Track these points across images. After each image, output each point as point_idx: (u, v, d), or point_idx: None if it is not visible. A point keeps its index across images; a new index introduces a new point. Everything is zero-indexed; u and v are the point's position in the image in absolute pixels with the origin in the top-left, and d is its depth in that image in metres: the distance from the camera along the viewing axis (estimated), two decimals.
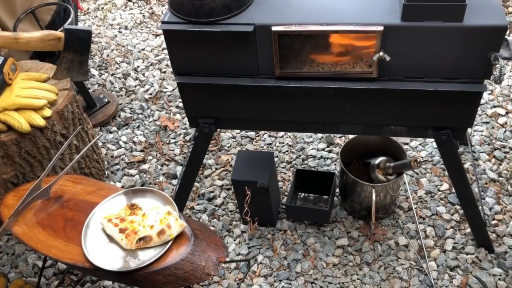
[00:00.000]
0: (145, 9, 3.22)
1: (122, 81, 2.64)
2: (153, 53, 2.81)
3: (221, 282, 1.76)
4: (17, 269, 1.85)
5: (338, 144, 2.20)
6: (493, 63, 1.27)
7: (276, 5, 1.41)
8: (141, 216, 1.26)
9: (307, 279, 1.74)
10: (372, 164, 1.81)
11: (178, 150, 2.26)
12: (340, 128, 1.57)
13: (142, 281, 1.20)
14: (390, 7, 1.33)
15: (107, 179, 2.15)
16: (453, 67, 1.34)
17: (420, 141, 2.17)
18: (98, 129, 2.39)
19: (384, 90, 1.40)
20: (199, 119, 1.62)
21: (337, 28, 1.32)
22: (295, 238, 1.87)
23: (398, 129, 1.53)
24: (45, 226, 1.31)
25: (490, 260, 1.74)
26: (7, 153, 1.63)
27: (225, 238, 1.90)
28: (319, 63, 1.40)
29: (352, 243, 1.83)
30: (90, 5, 3.28)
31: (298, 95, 1.47)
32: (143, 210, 1.28)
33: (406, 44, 1.31)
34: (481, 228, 1.72)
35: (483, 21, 1.25)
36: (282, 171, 2.11)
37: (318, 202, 1.98)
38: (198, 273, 1.18)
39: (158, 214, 1.26)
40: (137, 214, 1.27)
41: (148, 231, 1.21)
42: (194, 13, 1.37)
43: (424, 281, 1.71)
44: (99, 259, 1.22)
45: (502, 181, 1.97)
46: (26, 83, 1.68)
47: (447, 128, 1.47)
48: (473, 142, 2.12)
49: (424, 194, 1.96)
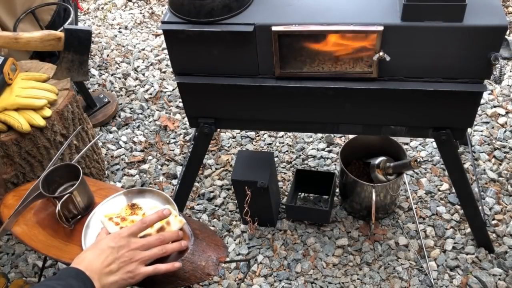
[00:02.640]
0: (145, 9, 3.22)
1: (122, 81, 2.64)
2: (153, 53, 2.81)
3: (221, 282, 1.76)
4: (17, 269, 1.85)
5: (338, 144, 2.20)
6: (493, 63, 1.27)
7: (276, 5, 1.41)
8: (141, 215, 1.26)
9: (307, 279, 1.75)
10: (372, 164, 1.81)
11: (178, 150, 2.26)
12: (340, 128, 1.57)
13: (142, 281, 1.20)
14: (390, 7, 1.33)
15: (107, 179, 2.15)
16: (453, 67, 1.34)
17: (420, 141, 2.17)
18: (98, 129, 2.39)
19: (384, 90, 1.40)
20: (199, 119, 1.62)
21: (337, 28, 1.32)
22: (295, 238, 1.87)
23: (398, 129, 1.53)
24: (45, 226, 1.31)
25: (490, 260, 1.74)
26: (7, 153, 1.63)
27: (225, 238, 1.90)
28: (319, 63, 1.40)
29: (352, 243, 1.83)
30: (90, 5, 3.28)
31: (298, 95, 1.47)
32: (143, 209, 1.28)
33: (406, 44, 1.31)
34: (481, 228, 1.72)
35: (483, 21, 1.25)
36: (282, 171, 2.11)
37: (318, 202, 1.98)
38: (198, 273, 1.18)
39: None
40: (137, 214, 1.27)
41: (148, 230, 1.21)
42: (194, 13, 1.37)
43: (424, 281, 1.71)
44: None
45: (502, 181, 1.97)
46: (26, 83, 1.68)
47: (447, 128, 1.47)
48: (473, 142, 2.12)
49: (424, 194, 1.96)
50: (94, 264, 1.02)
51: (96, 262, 1.03)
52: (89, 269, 1.00)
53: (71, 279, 0.97)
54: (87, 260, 1.03)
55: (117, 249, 1.06)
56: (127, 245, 1.07)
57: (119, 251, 1.06)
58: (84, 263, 1.02)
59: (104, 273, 1.02)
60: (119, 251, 1.06)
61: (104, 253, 1.04)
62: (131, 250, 1.07)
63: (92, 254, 1.05)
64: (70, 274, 0.99)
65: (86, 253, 1.06)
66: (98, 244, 1.07)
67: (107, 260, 1.04)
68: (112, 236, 1.09)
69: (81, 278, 0.98)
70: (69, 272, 0.99)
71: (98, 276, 1.01)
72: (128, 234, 1.09)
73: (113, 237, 1.08)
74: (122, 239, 1.08)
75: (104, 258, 1.04)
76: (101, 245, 1.06)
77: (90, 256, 1.04)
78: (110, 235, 1.10)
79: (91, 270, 1.00)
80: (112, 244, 1.06)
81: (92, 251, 1.06)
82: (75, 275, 0.98)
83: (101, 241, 1.08)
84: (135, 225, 1.11)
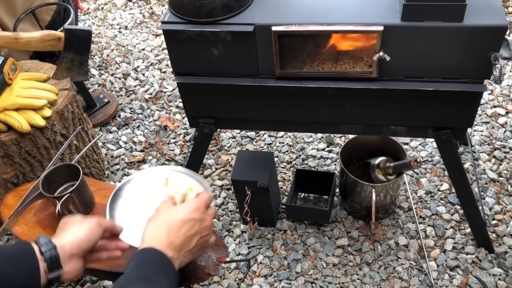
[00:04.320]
0: (145, 9, 3.22)
1: (122, 81, 2.64)
2: (153, 53, 2.81)
3: (221, 282, 1.76)
4: None
5: (338, 144, 2.20)
6: (493, 63, 1.27)
7: (276, 5, 1.41)
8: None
9: (307, 279, 1.74)
10: (372, 164, 1.81)
11: (178, 150, 2.26)
12: (340, 128, 1.57)
13: None
14: (390, 7, 1.33)
15: (107, 179, 2.15)
16: (453, 67, 1.34)
17: (420, 141, 2.17)
18: (98, 129, 2.39)
19: (384, 90, 1.40)
20: (199, 119, 1.62)
21: (337, 28, 1.32)
22: (295, 238, 1.87)
23: (398, 129, 1.53)
24: (45, 226, 1.31)
25: (490, 260, 1.74)
26: (7, 153, 1.63)
27: (225, 238, 1.90)
28: (319, 63, 1.40)
29: (352, 243, 1.83)
30: (90, 5, 3.28)
31: (298, 95, 1.47)
32: (194, 191, 1.14)
33: (406, 44, 1.31)
34: (481, 228, 1.71)
35: (483, 21, 1.25)
36: (282, 171, 2.11)
37: (318, 202, 1.98)
38: (198, 273, 1.18)
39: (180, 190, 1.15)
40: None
41: (174, 194, 1.11)
42: (194, 13, 1.37)
43: (424, 281, 1.71)
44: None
45: (502, 181, 1.97)
46: (26, 83, 1.68)
47: (447, 128, 1.47)
48: (473, 142, 2.12)
49: (424, 194, 1.96)
50: (175, 240, 0.94)
51: (178, 236, 0.94)
52: (171, 246, 0.93)
53: (159, 278, 0.88)
54: (166, 237, 0.93)
55: (200, 222, 0.99)
56: (206, 218, 1.01)
57: (201, 224, 0.99)
58: (163, 240, 0.93)
59: (184, 248, 0.95)
60: (202, 224, 0.99)
61: (186, 224, 0.96)
62: (208, 223, 1.02)
63: (172, 226, 0.95)
64: (155, 265, 0.90)
65: (161, 229, 0.95)
66: (174, 216, 0.98)
67: (190, 232, 0.97)
68: (193, 209, 1.00)
69: (166, 270, 0.90)
70: (153, 263, 0.90)
71: (178, 252, 0.94)
72: (205, 207, 1.02)
73: (194, 210, 0.99)
74: (202, 212, 1.00)
75: (187, 229, 0.96)
76: (179, 217, 0.97)
77: (170, 229, 0.95)
78: (188, 207, 1.00)
79: (173, 248, 0.93)
80: (196, 216, 0.98)
81: (171, 224, 0.96)
82: (160, 265, 0.90)
83: (177, 213, 0.99)
84: (201, 200, 1.03)
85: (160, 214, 0.99)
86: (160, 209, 1.01)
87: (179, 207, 1.00)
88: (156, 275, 0.87)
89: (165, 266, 0.90)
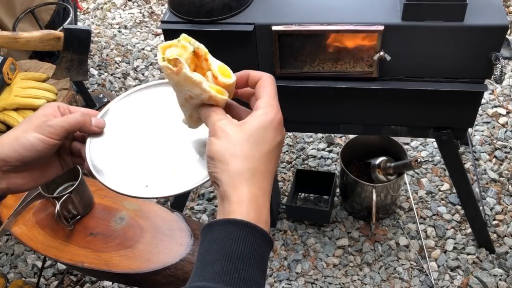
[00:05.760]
0: (145, 9, 3.21)
1: (121, 81, 2.63)
2: (153, 53, 2.81)
3: None
4: (17, 270, 1.85)
5: (338, 144, 2.19)
6: (494, 62, 1.27)
7: (276, 4, 1.40)
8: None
9: (307, 279, 1.74)
10: (372, 164, 1.80)
11: None
12: (340, 128, 1.57)
13: (141, 282, 1.19)
14: (390, 7, 1.33)
15: None
16: (454, 67, 1.33)
17: (420, 141, 2.17)
18: None
19: (384, 90, 1.40)
20: None
21: (338, 28, 1.31)
22: (295, 238, 1.86)
23: (398, 129, 1.53)
24: (45, 227, 1.31)
25: (491, 260, 1.73)
26: None
27: None
28: (320, 63, 1.40)
29: (352, 244, 1.83)
30: (90, 4, 3.28)
31: (299, 95, 1.46)
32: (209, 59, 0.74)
33: (406, 43, 1.30)
34: (482, 228, 1.71)
35: (484, 20, 1.24)
36: (282, 171, 2.11)
37: (319, 202, 1.98)
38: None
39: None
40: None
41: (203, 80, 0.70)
42: (194, 13, 1.36)
43: (424, 282, 1.70)
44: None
45: (503, 181, 1.97)
46: (25, 83, 1.68)
47: (448, 128, 1.46)
48: (473, 142, 2.12)
49: (424, 194, 1.95)
50: (265, 185, 0.62)
51: (268, 175, 0.62)
52: (266, 195, 0.61)
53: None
54: (257, 183, 0.60)
55: (280, 145, 0.65)
56: (283, 131, 0.66)
57: (280, 146, 0.65)
58: (262, 204, 0.60)
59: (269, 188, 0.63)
60: (280, 146, 0.65)
61: (273, 154, 0.63)
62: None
63: (258, 163, 0.61)
64: (256, 249, 0.56)
65: (247, 173, 0.60)
66: (255, 143, 0.61)
67: (275, 162, 0.64)
68: (274, 126, 0.64)
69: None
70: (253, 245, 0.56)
71: (268, 197, 0.62)
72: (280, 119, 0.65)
73: (275, 127, 0.64)
74: (283, 128, 0.66)
75: (274, 163, 0.64)
76: (263, 144, 0.62)
77: (260, 169, 0.61)
78: (268, 121, 0.63)
79: (267, 197, 0.62)
80: (280, 138, 0.64)
81: (255, 161, 0.61)
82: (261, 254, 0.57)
83: (258, 134, 0.62)
84: (272, 101, 0.68)
85: (235, 153, 0.60)
86: (233, 139, 0.62)
87: (255, 131, 0.62)
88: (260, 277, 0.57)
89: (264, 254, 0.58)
